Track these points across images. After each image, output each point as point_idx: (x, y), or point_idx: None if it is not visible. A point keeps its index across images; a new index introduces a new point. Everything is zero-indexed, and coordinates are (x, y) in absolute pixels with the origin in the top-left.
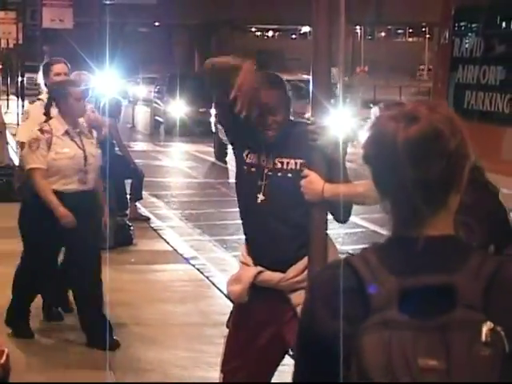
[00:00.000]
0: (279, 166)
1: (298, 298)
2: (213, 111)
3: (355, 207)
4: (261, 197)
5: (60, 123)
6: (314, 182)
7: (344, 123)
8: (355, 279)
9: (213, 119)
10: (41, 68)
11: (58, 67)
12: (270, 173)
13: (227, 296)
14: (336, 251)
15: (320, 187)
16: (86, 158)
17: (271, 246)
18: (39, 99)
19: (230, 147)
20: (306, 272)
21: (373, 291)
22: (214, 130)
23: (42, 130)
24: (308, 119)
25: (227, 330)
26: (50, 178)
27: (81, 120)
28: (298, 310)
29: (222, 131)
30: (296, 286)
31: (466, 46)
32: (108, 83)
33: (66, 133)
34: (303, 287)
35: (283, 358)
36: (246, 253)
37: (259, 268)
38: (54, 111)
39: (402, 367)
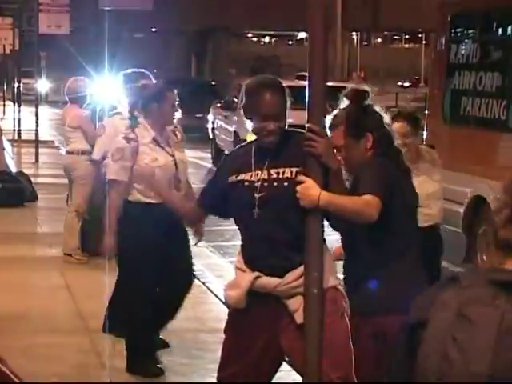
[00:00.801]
0: (274, 175)
1: (294, 303)
2: (210, 117)
3: None
4: (256, 211)
5: (146, 130)
6: (310, 188)
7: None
8: None
9: (210, 125)
10: (122, 77)
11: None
12: (265, 184)
13: (224, 302)
14: (331, 258)
15: (316, 194)
16: (176, 165)
17: (269, 253)
18: (117, 113)
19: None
20: (302, 278)
21: None
22: (211, 135)
23: (127, 138)
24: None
25: (224, 336)
26: (139, 188)
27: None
28: (296, 316)
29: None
30: (293, 291)
31: (463, 52)
32: (105, 88)
33: (154, 140)
34: (300, 292)
35: (280, 364)
36: (242, 259)
37: (256, 273)
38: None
39: None
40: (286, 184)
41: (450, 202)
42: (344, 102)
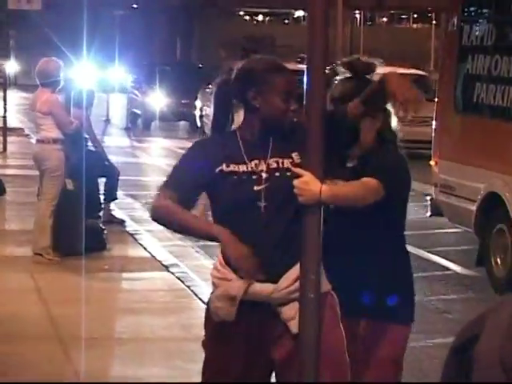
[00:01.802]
0: (275, 165)
1: (288, 311)
2: (198, 103)
3: None
4: (263, 203)
5: None
6: (309, 183)
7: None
8: None
9: (198, 112)
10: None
11: None
12: (266, 175)
13: (208, 314)
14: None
15: (317, 188)
16: None
17: (263, 255)
18: None
19: None
20: (298, 282)
21: None
22: (199, 123)
23: None
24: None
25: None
26: None
27: None
28: (291, 324)
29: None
30: (288, 297)
31: (476, 33)
32: (81, 71)
33: None
34: (295, 299)
35: (270, 378)
36: (224, 268)
37: (247, 280)
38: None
39: None
40: (288, 174)
41: (461, 199)
42: (345, 74)
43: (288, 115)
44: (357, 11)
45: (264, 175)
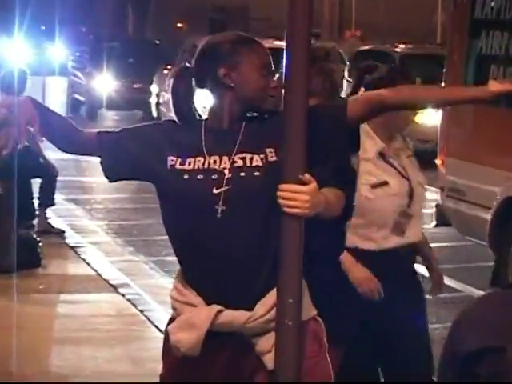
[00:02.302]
0: (240, 163)
1: (264, 343)
2: (154, 88)
3: None
4: (221, 207)
5: (370, 138)
6: (314, 195)
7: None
8: None
9: (154, 99)
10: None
11: None
12: (229, 174)
13: (166, 347)
14: (307, 293)
15: (322, 199)
16: (411, 192)
17: (233, 273)
18: None
19: None
20: (274, 309)
21: None
22: (155, 113)
23: None
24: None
25: None
26: (362, 229)
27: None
28: (266, 359)
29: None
30: (265, 326)
31: (492, 4)
32: (10, 49)
33: (381, 154)
34: (272, 329)
35: None
36: (186, 288)
37: (216, 307)
38: None
39: None
40: (257, 174)
41: (472, 206)
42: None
43: (268, 93)
44: None
45: (225, 175)
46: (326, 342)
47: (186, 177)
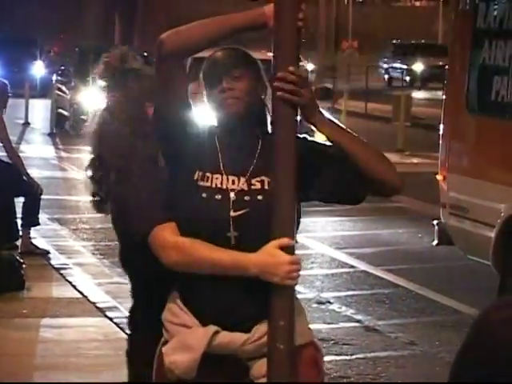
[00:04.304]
0: (258, 186)
1: (260, 367)
2: None
3: (343, 240)
4: (233, 233)
5: None
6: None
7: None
8: None
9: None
10: None
11: None
12: (245, 197)
13: (159, 371)
14: (305, 316)
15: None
16: None
17: (236, 297)
18: None
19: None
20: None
21: None
22: None
23: None
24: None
25: None
26: None
27: None
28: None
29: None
30: (261, 350)
31: (494, 13)
32: None
33: None
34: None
35: None
36: (182, 310)
37: (213, 327)
38: None
39: None
40: (260, 199)
41: (476, 224)
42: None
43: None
44: None
45: (242, 197)
46: (324, 369)
47: (206, 194)
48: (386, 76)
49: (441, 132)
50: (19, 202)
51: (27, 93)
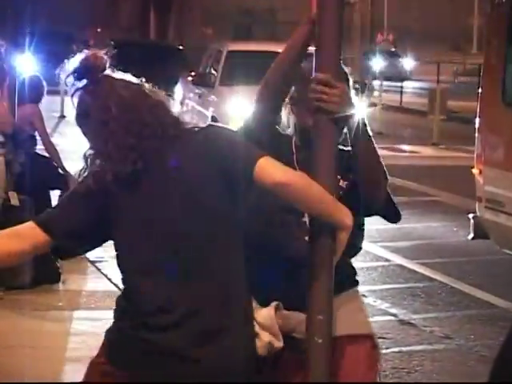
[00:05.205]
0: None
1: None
2: (177, 95)
3: (378, 234)
4: (308, 218)
5: None
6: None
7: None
8: None
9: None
10: None
11: None
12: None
13: None
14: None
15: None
16: None
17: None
18: None
19: None
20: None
21: None
22: None
23: None
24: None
25: None
26: None
27: None
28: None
29: None
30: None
31: None
32: (26, 56)
33: None
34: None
35: None
36: None
37: (273, 304)
38: None
39: None
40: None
41: (511, 218)
42: None
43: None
44: None
45: None
46: (379, 368)
47: None
48: None
49: (476, 125)
50: (55, 194)
51: (63, 86)
